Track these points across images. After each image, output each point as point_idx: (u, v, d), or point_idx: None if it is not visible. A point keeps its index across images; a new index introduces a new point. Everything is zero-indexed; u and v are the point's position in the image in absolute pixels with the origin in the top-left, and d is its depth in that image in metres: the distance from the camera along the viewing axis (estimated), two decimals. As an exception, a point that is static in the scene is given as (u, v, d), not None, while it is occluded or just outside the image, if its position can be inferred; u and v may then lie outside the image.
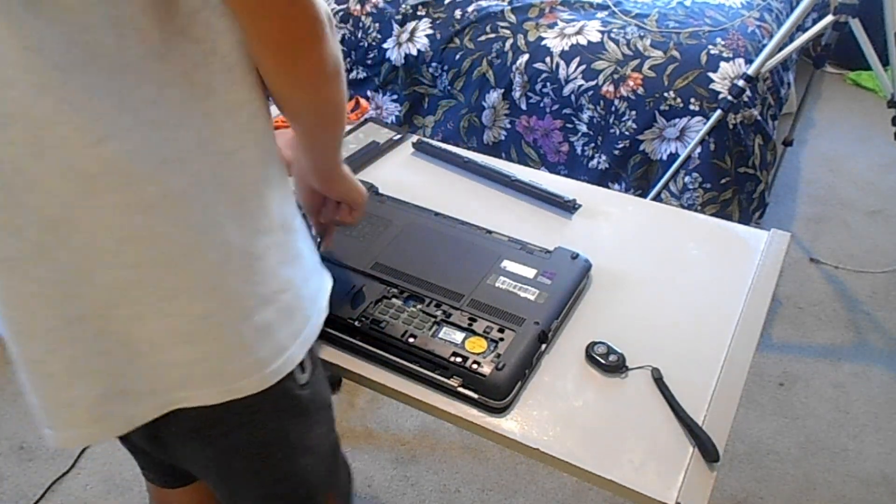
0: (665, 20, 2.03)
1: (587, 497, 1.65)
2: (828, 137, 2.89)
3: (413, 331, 0.89)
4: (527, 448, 0.80)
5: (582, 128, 1.99)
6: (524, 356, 0.85)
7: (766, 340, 2.02)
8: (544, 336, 0.89)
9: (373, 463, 1.72)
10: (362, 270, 0.97)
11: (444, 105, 2.17)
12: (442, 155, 1.24)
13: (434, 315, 0.91)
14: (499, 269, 0.97)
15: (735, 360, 0.89)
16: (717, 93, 1.84)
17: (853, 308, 2.12)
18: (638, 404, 0.84)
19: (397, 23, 2.14)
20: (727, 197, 1.91)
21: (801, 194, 2.59)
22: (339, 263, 0.97)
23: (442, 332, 0.89)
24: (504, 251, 1.00)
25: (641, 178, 1.98)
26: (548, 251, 1.00)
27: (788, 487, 1.67)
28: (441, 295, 0.93)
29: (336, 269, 0.94)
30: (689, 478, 0.76)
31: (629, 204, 1.16)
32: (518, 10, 2.10)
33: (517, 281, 0.95)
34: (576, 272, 0.97)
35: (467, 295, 0.93)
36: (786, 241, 1.07)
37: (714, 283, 1.00)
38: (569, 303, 0.94)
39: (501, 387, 0.82)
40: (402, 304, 0.92)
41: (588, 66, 1.94)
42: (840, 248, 2.34)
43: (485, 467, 1.71)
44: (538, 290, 0.94)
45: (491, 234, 1.04)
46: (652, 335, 0.92)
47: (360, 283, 0.95)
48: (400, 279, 0.95)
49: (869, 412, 1.84)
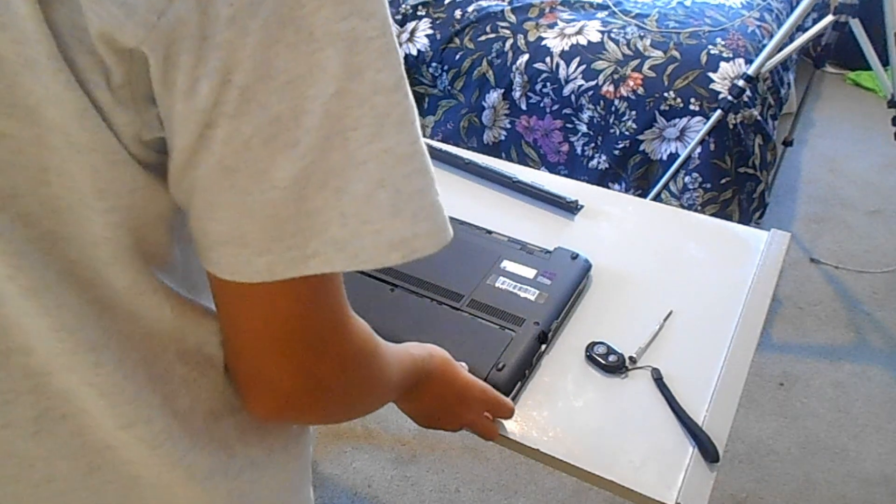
0: (665, 20, 2.03)
1: (587, 497, 1.65)
2: (828, 137, 2.89)
3: None
4: (527, 448, 0.80)
5: (582, 128, 1.99)
6: (524, 356, 0.85)
7: (766, 340, 2.02)
8: (544, 336, 0.88)
9: (373, 463, 1.72)
10: (361, 271, 0.97)
11: (444, 105, 2.17)
12: (442, 156, 1.24)
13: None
14: (499, 269, 0.97)
15: (735, 360, 0.89)
16: (717, 93, 1.84)
17: (853, 308, 2.12)
18: (638, 404, 0.84)
19: (397, 23, 2.14)
20: (727, 197, 1.91)
21: (801, 194, 2.59)
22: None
23: (442, 333, 0.89)
24: (504, 251, 1.00)
25: (641, 178, 1.98)
26: (548, 251, 1.00)
27: (788, 487, 1.67)
28: (441, 295, 0.93)
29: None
30: (689, 478, 0.76)
31: (629, 204, 1.16)
32: (518, 10, 2.10)
33: (517, 281, 0.95)
34: (576, 272, 0.97)
35: (467, 295, 0.93)
36: (786, 241, 1.07)
37: (714, 283, 1.00)
38: (569, 303, 0.94)
39: (501, 387, 0.82)
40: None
41: (588, 66, 1.94)
42: (840, 248, 2.34)
43: (485, 467, 1.71)
44: (538, 291, 0.94)
45: (491, 234, 1.04)
46: (652, 335, 0.92)
47: (359, 284, 0.95)
48: (399, 279, 0.95)
49: (869, 412, 1.84)
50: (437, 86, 2.14)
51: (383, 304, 0.92)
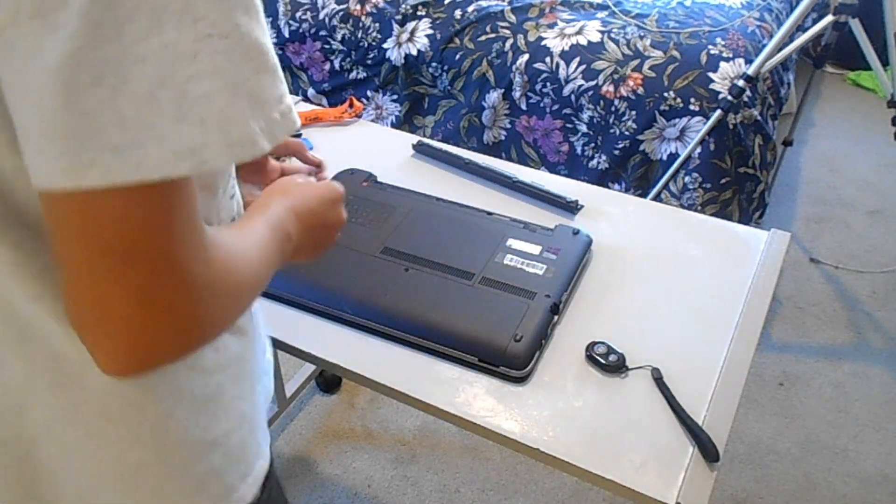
0: (665, 20, 2.03)
1: (587, 497, 1.65)
2: (828, 137, 2.89)
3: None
4: (527, 448, 0.80)
5: (582, 128, 1.99)
6: (540, 327, 0.89)
7: (766, 340, 2.02)
8: (556, 307, 0.92)
9: (373, 463, 1.72)
10: (373, 255, 1.00)
11: (444, 105, 2.17)
12: (442, 156, 1.24)
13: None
14: (505, 247, 1.01)
15: (735, 360, 0.89)
16: (717, 93, 1.84)
17: (853, 308, 2.12)
18: (638, 404, 0.84)
19: (397, 23, 2.14)
20: (727, 197, 1.91)
21: (801, 194, 2.59)
22: (348, 249, 1.00)
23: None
24: (508, 230, 1.04)
25: (641, 178, 1.98)
26: (549, 229, 1.05)
27: (788, 487, 1.67)
28: (452, 274, 0.96)
29: (346, 254, 0.99)
30: (689, 478, 0.76)
31: (629, 204, 1.16)
32: (518, 10, 2.10)
33: (524, 258, 0.99)
34: (579, 247, 1.02)
35: (478, 273, 0.97)
36: (786, 241, 1.07)
37: (714, 283, 1.00)
38: (575, 275, 0.98)
39: (521, 357, 0.86)
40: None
41: (588, 66, 1.94)
42: (840, 248, 2.34)
43: (485, 467, 1.71)
44: (545, 265, 0.98)
45: (492, 215, 1.08)
46: (652, 335, 0.92)
47: (374, 264, 0.98)
48: (410, 261, 0.98)
49: (869, 412, 1.84)
50: (437, 86, 2.14)
51: (399, 284, 0.95)
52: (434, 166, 1.24)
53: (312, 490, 1.67)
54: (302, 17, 2.22)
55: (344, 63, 2.23)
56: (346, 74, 2.25)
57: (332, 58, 2.24)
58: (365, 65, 2.22)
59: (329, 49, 2.22)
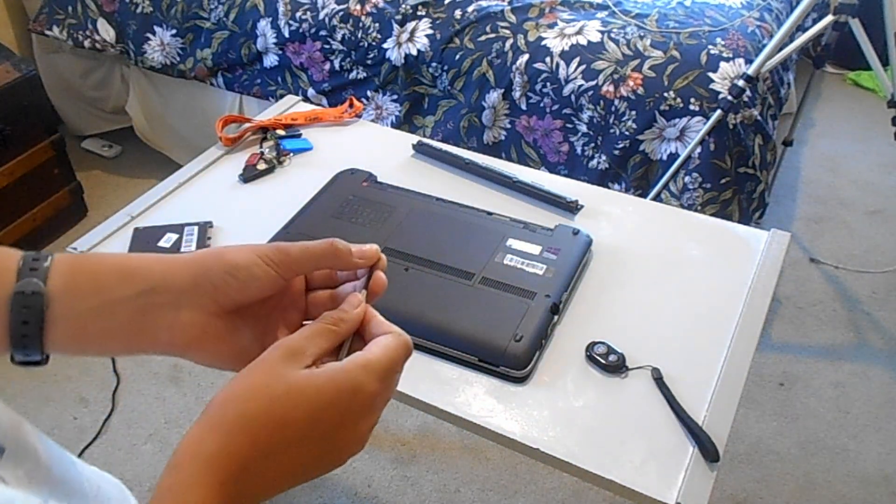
0: (665, 20, 2.03)
1: (587, 497, 1.65)
2: (828, 137, 2.89)
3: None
4: (527, 448, 0.80)
5: (582, 128, 1.99)
6: (540, 327, 0.89)
7: (766, 340, 2.02)
8: (556, 308, 0.92)
9: (373, 463, 1.72)
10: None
11: (444, 105, 2.16)
12: (442, 156, 1.24)
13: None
14: (505, 247, 1.01)
15: (735, 360, 0.89)
16: (717, 93, 1.84)
17: (853, 308, 2.12)
18: (638, 404, 0.84)
19: (397, 23, 2.14)
20: (727, 197, 1.91)
21: (801, 194, 2.59)
22: None
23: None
24: (508, 230, 1.04)
25: (641, 178, 1.98)
26: (549, 229, 1.04)
27: (788, 487, 1.67)
28: (452, 274, 0.97)
29: None
30: (689, 478, 0.76)
31: (629, 204, 1.16)
32: (518, 10, 2.10)
33: (524, 258, 0.99)
34: (579, 247, 1.01)
35: (478, 273, 0.97)
36: (786, 241, 1.07)
37: (714, 283, 1.00)
38: (575, 275, 0.98)
39: (521, 357, 0.86)
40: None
41: (588, 66, 1.94)
42: (840, 248, 2.34)
43: (485, 467, 1.71)
44: (545, 265, 0.98)
45: (492, 215, 1.08)
46: (652, 335, 0.92)
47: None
48: (410, 261, 0.98)
49: (869, 412, 1.84)
50: (437, 86, 2.14)
51: (399, 284, 0.95)
52: (434, 166, 1.24)
53: (312, 490, 1.67)
54: (302, 17, 2.22)
55: (344, 63, 2.23)
56: (346, 74, 2.25)
57: (332, 58, 2.23)
58: (365, 65, 2.21)
59: (329, 49, 2.22)
